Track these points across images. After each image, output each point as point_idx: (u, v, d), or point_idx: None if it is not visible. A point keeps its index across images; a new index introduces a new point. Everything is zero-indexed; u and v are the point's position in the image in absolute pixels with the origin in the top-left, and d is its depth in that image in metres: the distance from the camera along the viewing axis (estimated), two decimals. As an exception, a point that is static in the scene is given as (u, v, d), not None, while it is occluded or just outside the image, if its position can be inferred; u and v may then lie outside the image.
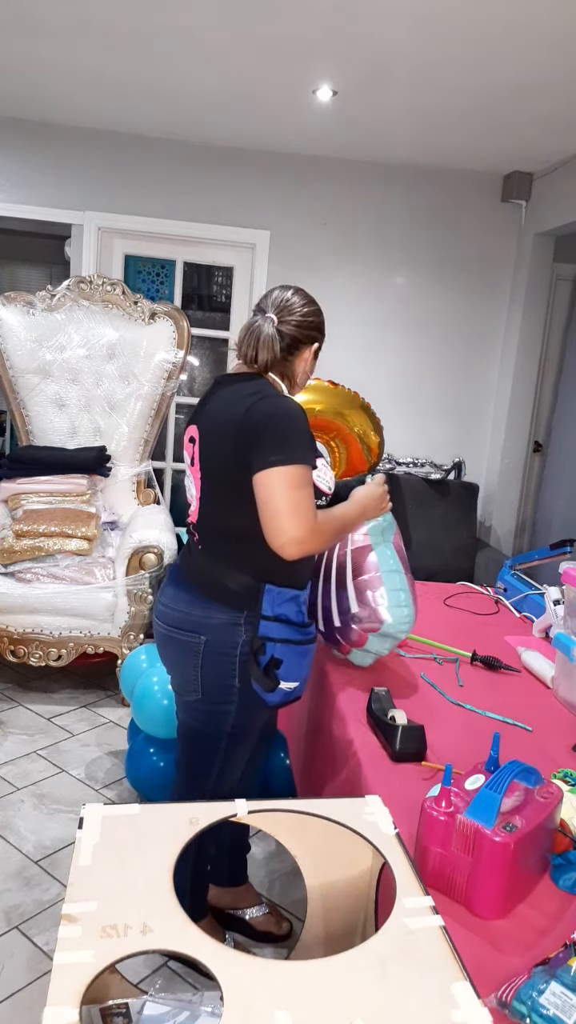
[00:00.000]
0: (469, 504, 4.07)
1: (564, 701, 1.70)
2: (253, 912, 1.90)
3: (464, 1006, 0.77)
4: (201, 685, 1.56)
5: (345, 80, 3.09)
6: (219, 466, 1.53)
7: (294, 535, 1.42)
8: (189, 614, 1.55)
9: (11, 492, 3.29)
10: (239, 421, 1.47)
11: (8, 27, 2.85)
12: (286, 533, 1.42)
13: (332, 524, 1.55)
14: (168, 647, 1.62)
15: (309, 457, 1.47)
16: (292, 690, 1.55)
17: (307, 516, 1.43)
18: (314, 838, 1.08)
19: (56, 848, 2.19)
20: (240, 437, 1.46)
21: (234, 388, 1.56)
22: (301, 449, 1.45)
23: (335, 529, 1.57)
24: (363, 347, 4.26)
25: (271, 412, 1.46)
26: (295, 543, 1.42)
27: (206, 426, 1.57)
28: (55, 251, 5.18)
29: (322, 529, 1.49)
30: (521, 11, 2.40)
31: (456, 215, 4.22)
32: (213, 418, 1.55)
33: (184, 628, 1.56)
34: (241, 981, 0.78)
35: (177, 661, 1.59)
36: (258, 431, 1.44)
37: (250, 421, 1.45)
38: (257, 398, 1.48)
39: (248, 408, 1.47)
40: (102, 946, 0.81)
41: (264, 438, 1.44)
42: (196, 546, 1.62)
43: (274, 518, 1.42)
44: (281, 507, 1.41)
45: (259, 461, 1.43)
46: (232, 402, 1.51)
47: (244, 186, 4.10)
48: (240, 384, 1.56)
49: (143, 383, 3.52)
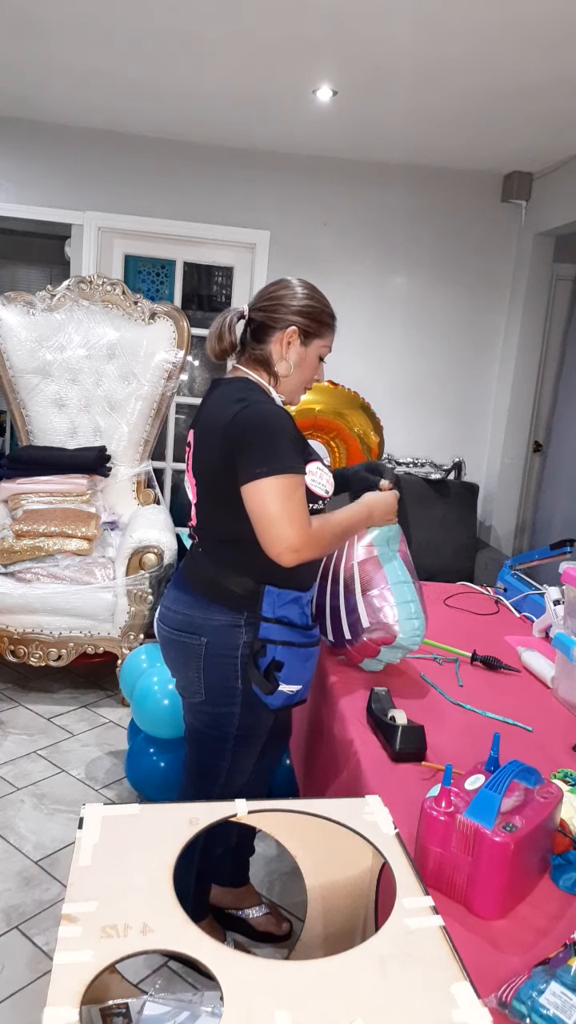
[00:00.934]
0: (469, 504, 4.07)
1: (564, 701, 1.70)
2: (253, 912, 1.90)
3: (464, 1006, 0.77)
4: (204, 687, 1.55)
5: (345, 80, 3.09)
6: (209, 473, 1.52)
7: (289, 543, 1.40)
8: (190, 616, 1.55)
9: (11, 492, 3.29)
10: (224, 430, 1.45)
11: (8, 27, 2.85)
12: (281, 542, 1.40)
13: (331, 529, 1.51)
14: (171, 650, 1.61)
15: (297, 465, 1.44)
16: (294, 693, 1.54)
17: (301, 524, 1.41)
18: (314, 838, 1.08)
19: (56, 848, 2.19)
20: (225, 447, 1.44)
21: (223, 391, 1.54)
22: (287, 458, 1.42)
23: (334, 534, 1.53)
24: (363, 347, 4.26)
25: (253, 422, 1.43)
26: (291, 551, 1.40)
27: (199, 432, 1.56)
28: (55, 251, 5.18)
29: (319, 535, 1.46)
30: (521, 11, 2.40)
31: (456, 215, 4.22)
32: (204, 424, 1.54)
33: (185, 630, 1.55)
34: (241, 981, 0.78)
35: (180, 663, 1.59)
36: (241, 442, 1.42)
37: (234, 431, 1.43)
38: (242, 406, 1.45)
39: (233, 416, 1.44)
40: (102, 946, 0.81)
41: (247, 449, 1.41)
42: (197, 548, 1.61)
43: (267, 529, 1.41)
44: (273, 518, 1.39)
45: (245, 473, 1.41)
46: (221, 407, 1.49)
47: (244, 186, 4.09)
48: (228, 387, 1.54)
49: (143, 383, 3.52)
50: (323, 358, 1.62)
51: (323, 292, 1.62)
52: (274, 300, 1.56)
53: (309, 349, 1.57)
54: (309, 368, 1.60)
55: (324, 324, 1.58)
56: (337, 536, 1.55)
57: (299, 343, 1.56)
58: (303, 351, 1.57)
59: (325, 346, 1.60)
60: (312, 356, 1.59)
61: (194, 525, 1.61)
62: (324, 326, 1.58)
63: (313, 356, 1.59)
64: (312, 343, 1.57)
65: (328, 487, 1.57)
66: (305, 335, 1.56)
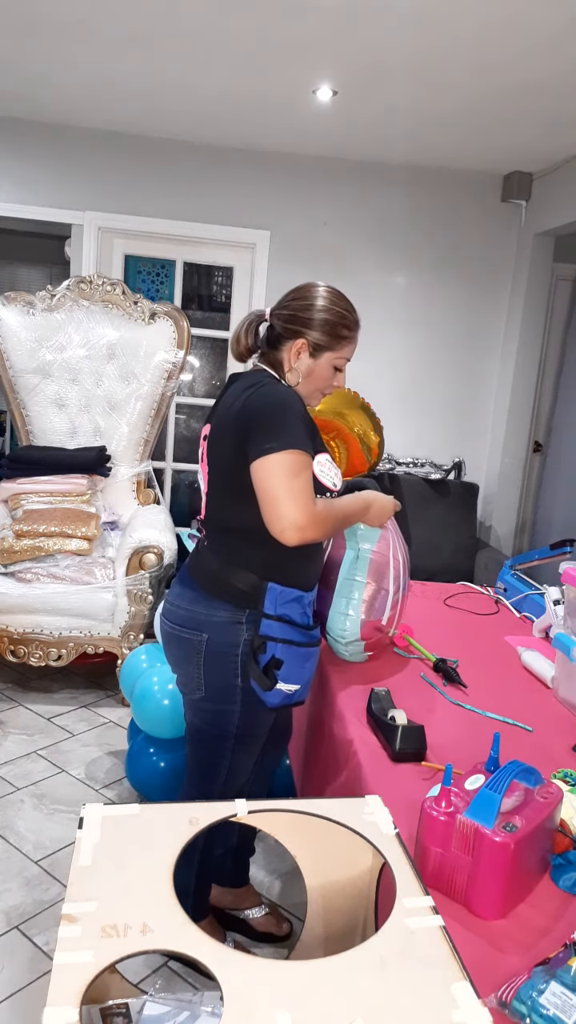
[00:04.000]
0: (469, 504, 4.07)
1: (564, 701, 1.70)
2: (253, 912, 1.90)
3: (464, 1006, 0.77)
4: (204, 683, 1.56)
5: (345, 80, 3.09)
6: (221, 462, 1.54)
7: (293, 520, 1.39)
8: (193, 612, 1.56)
9: (11, 492, 3.29)
10: (236, 414, 1.47)
11: (9, 27, 2.85)
12: (285, 518, 1.39)
13: (333, 512, 1.52)
14: (172, 645, 1.62)
15: (306, 444, 1.44)
16: (293, 693, 1.55)
17: (306, 502, 1.41)
18: (314, 838, 1.08)
19: (56, 848, 2.19)
20: (238, 430, 1.46)
21: (238, 384, 1.56)
22: (296, 435, 1.42)
23: (336, 518, 1.54)
24: (363, 347, 4.17)
25: (264, 400, 1.45)
26: (294, 528, 1.39)
27: (215, 423, 1.58)
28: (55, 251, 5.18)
29: (322, 516, 1.45)
30: (521, 11, 2.40)
31: (456, 215, 4.22)
32: (219, 415, 1.56)
33: (187, 626, 1.56)
34: (241, 981, 0.78)
35: (181, 659, 1.60)
36: (252, 420, 1.44)
37: (245, 412, 1.45)
38: (253, 390, 1.47)
39: (245, 400, 1.47)
40: (102, 946, 0.81)
41: (257, 426, 1.43)
42: (203, 543, 1.62)
43: (272, 504, 1.40)
44: (278, 493, 1.39)
45: (254, 449, 1.42)
46: (234, 397, 1.52)
47: (244, 186, 4.09)
48: (244, 379, 1.56)
49: (143, 383, 3.52)
50: (341, 368, 1.61)
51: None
52: (292, 310, 1.57)
53: (319, 361, 1.57)
54: (319, 379, 1.59)
55: (339, 337, 1.57)
56: (339, 521, 1.56)
57: (307, 355, 1.56)
58: (312, 363, 1.57)
59: (340, 358, 1.59)
60: (323, 367, 1.58)
61: (202, 518, 1.63)
62: (339, 339, 1.57)
63: (324, 367, 1.58)
64: (323, 356, 1.57)
65: (336, 480, 1.57)
66: (315, 348, 1.56)
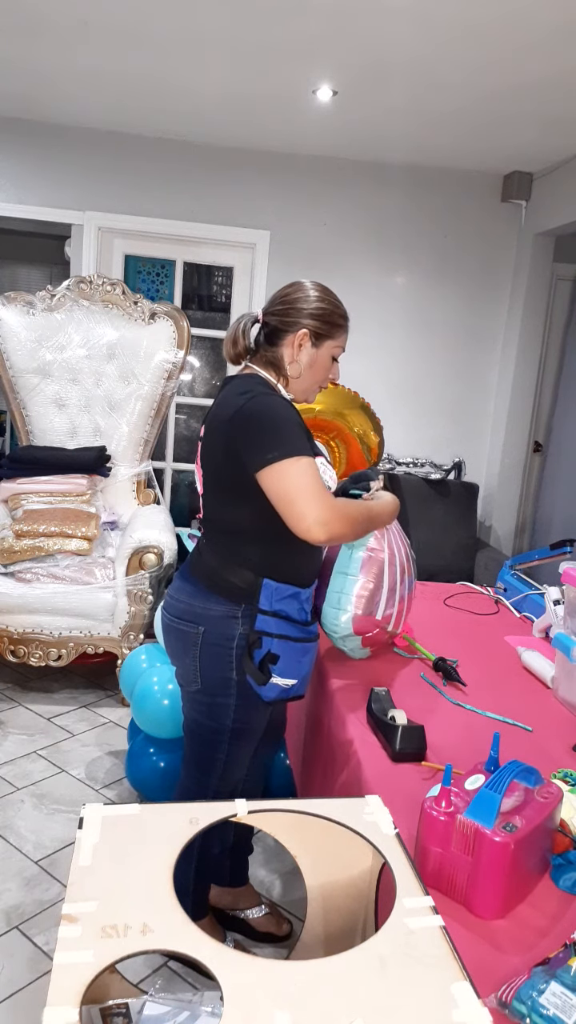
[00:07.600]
0: (469, 504, 4.07)
1: (564, 701, 1.70)
2: (253, 912, 1.90)
3: (464, 1006, 0.77)
4: (200, 676, 1.57)
5: (345, 80, 3.09)
6: (213, 464, 1.55)
7: (316, 516, 1.37)
8: (191, 605, 1.58)
9: (11, 492, 3.29)
10: (228, 421, 1.47)
11: (8, 27, 2.85)
12: (307, 516, 1.38)
13: (359, 509, 1.52)
14: (171, 637, 1.64)
15: (306, 448, 1.45)
16: (290, 687, 1.56)
17: (324, 497, 1.40)
18: (314, 838, 1.08)
19: (56, 848, 2.19)
20: (230, 437, 1.47)
21: (231, 387, 1.56)
22: (297, 442, 1.43)
23: (363, 516, 1.53)
24: (363, 347, 4.26)
25: (258, 410, 1.45)
26: (320, 524, 1.38)
27: (208, 426, 1.59)
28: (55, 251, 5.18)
29: (346, 512, 1.45)
30: (520, 11, 2.40)
31: (456, 215, 4.22)
32: (213, 417, 1.57)
33: (185, 619, 1.58)
34: (241, 981, 0.78)
35: (179, 651, 1.62)
36: (246, 431, 1.44)
37: (238, 421, 1.45)
38: (247, 398, 1.47)
39: (238, 408, 1.46)
40: (102, 946, 0.81)
41: (254, 438, 1.43)
42: (203, 540, 1.65)
43: (290, 506, 1.39)
44: (294, 496, 1.39)
45: (257, 460, 1.41)
46: (227, 401, 1.52)
47: (244, 186, 4.10)
48: (237, 383, 1.56)
49: (143, 383, 3.52)
50: (336, 358, 1.63)
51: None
52: (286, 304, 1.58)
53: (320, 351, 1.59)
54: (321, 369, 1.61)
55: (336, 325, 1.60)
56: (365, 518, 1.55)
57: (310, 345, 1.58)
58: (314, 352, 1.59)
59: (338, 347, 1.62)
60: (324, 357, 1.60)
61: (201, 517, 1.65)
62: (336, 327, 1.60)
63: (325, 357, 1.60)
64: (324, 344, 1.59)
65: (331, 484, 1.58)
66: (316, 337, 1.58)
